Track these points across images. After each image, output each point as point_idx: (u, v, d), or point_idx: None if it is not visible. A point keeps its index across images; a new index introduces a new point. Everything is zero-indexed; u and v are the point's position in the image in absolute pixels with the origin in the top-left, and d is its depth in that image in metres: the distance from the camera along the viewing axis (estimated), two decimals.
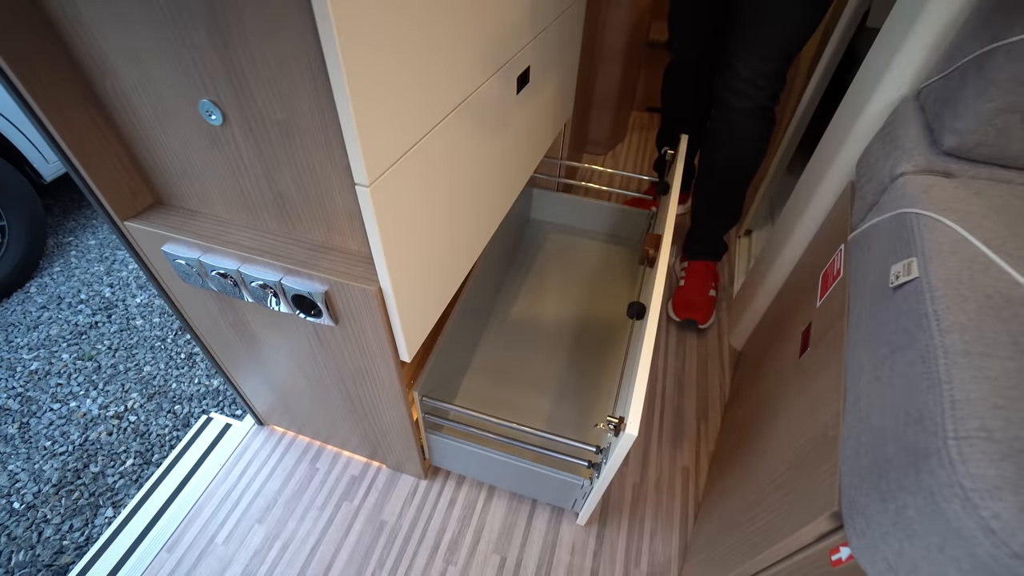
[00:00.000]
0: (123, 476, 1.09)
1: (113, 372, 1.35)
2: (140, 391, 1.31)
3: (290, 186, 0.50)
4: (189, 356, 1.41)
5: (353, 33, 0.35)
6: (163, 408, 1.27)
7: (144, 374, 1.35)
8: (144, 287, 1.64)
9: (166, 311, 1.53)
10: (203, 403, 1.28)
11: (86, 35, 0.45)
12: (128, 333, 1.48)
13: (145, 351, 1.42)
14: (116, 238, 1.77)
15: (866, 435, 0.39)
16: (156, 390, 1.31)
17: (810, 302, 0.75)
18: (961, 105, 0.52)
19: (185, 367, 1.38)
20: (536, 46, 0.76)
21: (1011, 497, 0.26)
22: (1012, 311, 0.36)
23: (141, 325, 1.50)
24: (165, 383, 1.33)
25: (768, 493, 0.59)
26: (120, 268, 1.71)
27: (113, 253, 1.77)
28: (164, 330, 1.49)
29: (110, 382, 1.32)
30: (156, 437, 1.19)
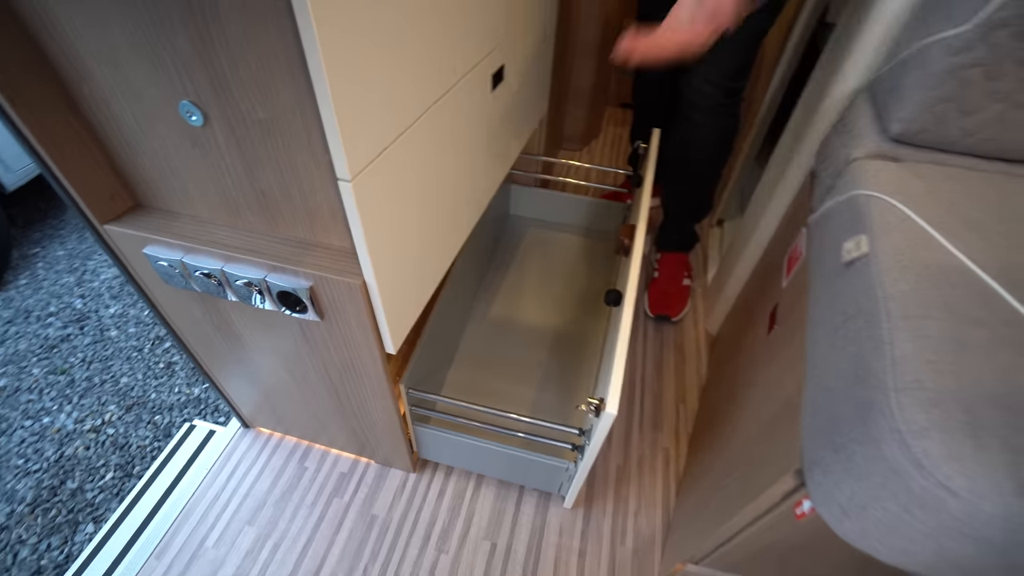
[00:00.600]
0: (103, 490, 1.07)
1: (88, 385, 1.32)
2: (118, 403, 1.28)
3: (272, 184, 0.51)
4: (168, 365, 1.39)
5: (333, 33, 0.37)
6: (143, 419, 1.25)
7: (121, 385, 1.33)
8: (118, 297, 1.60)
9: (142, 320, 1.51)
10: (184, 412, 1.27)
11: (61, 39, 0.45)
12: (103, 345, 1.45)
13: (121, 362, 1.40)
14: (86, 247, 1.74)
15: (822, 397, 0.42)
16: (134, 401, 1.29)
17: (777, 283, 0.79)
18: (904, 95, 0.57)
19: (164, 376, 1.36)
20: (510, 46, 0.78)
21: (937, 436, 0.30)
22: (946, 279, 0.40)
23: (116, 336, 1.47)
24: (144, 394, 1.31)
25: (740, 462, 0.62)
26: (91, 278, 1.67)
27: (83, 263, 1.72)
28: (141, 340, 1.46)
29: (85, 395, 1.29)
30: (136, 449, 1.17)
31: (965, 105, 0.52)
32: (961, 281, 0.40)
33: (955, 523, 0.30)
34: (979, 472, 0.28)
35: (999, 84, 0.50)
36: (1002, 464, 0.28)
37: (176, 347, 1.39)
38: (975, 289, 0.39)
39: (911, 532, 0.32)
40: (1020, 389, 0.31)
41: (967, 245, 0.43)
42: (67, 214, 1.93)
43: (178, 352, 1.41)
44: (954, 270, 0.41)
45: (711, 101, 0.96)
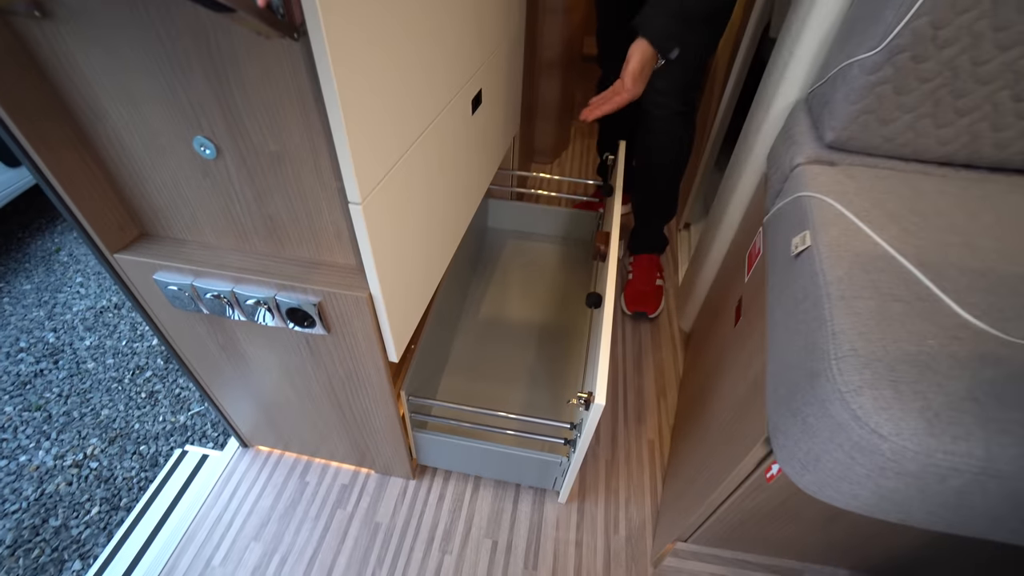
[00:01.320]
0: (89, 525, 1.06)
1: (67, 420, 1.30)
2: (100, 436, 1.26)
3: (280, 210, 0.56)
4: (150, 395, 1.38)
5: (347, 72, 0.42)
6: (127, 450, 1.23)
7: (102, 418, 1.31)
8: (92, 328, 1.58)
9: (120, 351, 1.49)
10: (170, 440, 1.26)
11: (79, 79, 0.49)
12: (80, 378, 1.42)
13: (101, 394, 1.38)
14: (54, 280, 1.71)
15: (781, 371, 0.49)
16: (117, 433, 1.28)
17: (740, 279, 0.87)
18: (834, 108, 0.65)
19: (147, 406, 1.35)
20: (485, 71, 0.85)
21: (869, 392, 0.37)
22: (873, 264, 0.47)
23: (94, 368, 1.45)
24: (127, 424, 1.30)
25: (718, 443, 0.69)
26: (63, 311, 1.64)
27: (53, 296, 1.69)
28: (120, 371, 1.44)
29: (64, 430, 1.27)
30: (123, 481, 1.16)
31: (882, 116, 0.61)
32: (885, 265, 0.47)
33: (888, 463, 0.36)
34: (901, 418, 0.35)
35: (907, 98, 0.59)
36: (916, 409, 0.35)
37: (157, 377, 1.39)
38: (895, 271, 0.46)
39: (856, 476, 0.39)
40: (929, 349, 0.39)
41: (889, 235, 0.51)
42: (30, 247, 1.89)
43: (160, 381, 1.40)
44: (879, 256, 0.48)
45: (667, 111, 1.05)
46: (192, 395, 1.36)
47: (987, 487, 0.34)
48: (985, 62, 0.55)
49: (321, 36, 0.38)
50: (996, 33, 0.52)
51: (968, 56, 0.55)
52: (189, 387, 1.37)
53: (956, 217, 0.55)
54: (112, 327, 1.56)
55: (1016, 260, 0.48)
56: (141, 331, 1.54)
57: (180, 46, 0.44)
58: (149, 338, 1.52)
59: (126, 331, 1.55)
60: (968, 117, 0.59)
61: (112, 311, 1.62)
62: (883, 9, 0.57)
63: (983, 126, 0.59)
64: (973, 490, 0.35)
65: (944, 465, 0.34)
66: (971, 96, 0.58)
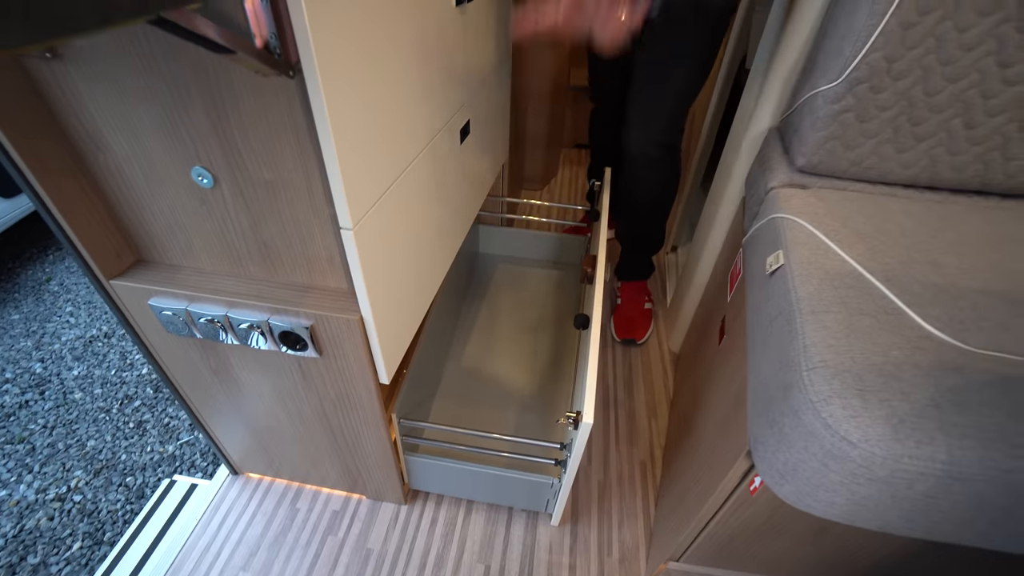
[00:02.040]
0: (69, 562, 1.03)
1: (51, 452, 1.28)
2: (85, 468, 1.24)
3: (274, 236, 0.58)
4: (138, 424, 1.36)
5: (339, 105, 0.45)
6: (112, 482, 1.21)
7: (88, 449, 1.29)
8: (81, 358, 1.56)
9: (108, 381, 1.48)
10: (158, 471, 1.24)
11: (82, 113, 0.51)
12: (66, 408, 1.40)
13: (87, 425, 1.36)
14: (43, 310, 1.70)
15: (759, 385, 0.50)
16: (103, 464, 1.26)
17: (724, 299, 0.90)
18: (803, 135, 0.69)
19: (135, 436, 1.33)
20: (474, 102, 0.89)
21: (838, 402, 0.38)
22: (841, 281, 0.50)
23: (81, 398, 1.43)
24: (113, 456, 1.28)
25: (705, 460, 0.70)
26: (51, 341, 1.62)
27: (42, 326, 1.68)
28: (108, 401, 1.43)
29: (47, 463, 1.25)
30: (107, 514, 1.14)
31: (847, 142, 0.65)
32: (853, 282, 0.50)
33: (859, 469, 0.38)
34: (868, 425, 0.37)
35: (869, 125, 0.63)
36: (882, 416, 0.37)
37: (146, 407, 1.38)
38: (863, 287, 0.49)
39: (831, 484, 0.40)
40: (893, 359, 0.41)
41: (857, 253, 0.54)
42: (20, 277, 1.88)
43: (149, 410, 1.39)
44: (847, 273, 0.51)
45: (650, 157, 1.06)
46: (181, 424, 1.34)
47: (952, 489, 0.36)
48: (936, 93, 0.59)
49: (315, 74, 0.41)
50: (943, 67, 0.57)
51: (921, 87, 0.59)
52: (179, 416, 1.36)
53: (919, 236, 0.58)
54: (101, 356, 1.55)
55: (975, 276, 0.51)
56: (131, 360, 1.54)
57: (182, 83, 0.47)
58: (139, 367, 1.51)
59: (115, 360, 1.54)
60: (926, 143, 0.63)
61: (102, 340, 1.61)
62: (841, 44, 0.61)
63: (940, 151, 0.63)
64: (940, 493, 0.36)
65: (911, 469, 0.36)
66: (927, 124, 0.61)
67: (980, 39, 0.55)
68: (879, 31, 0.57)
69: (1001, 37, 0.54)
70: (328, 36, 0.41)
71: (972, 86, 0.58)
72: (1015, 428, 0.36)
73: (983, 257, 0.54)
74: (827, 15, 0.68)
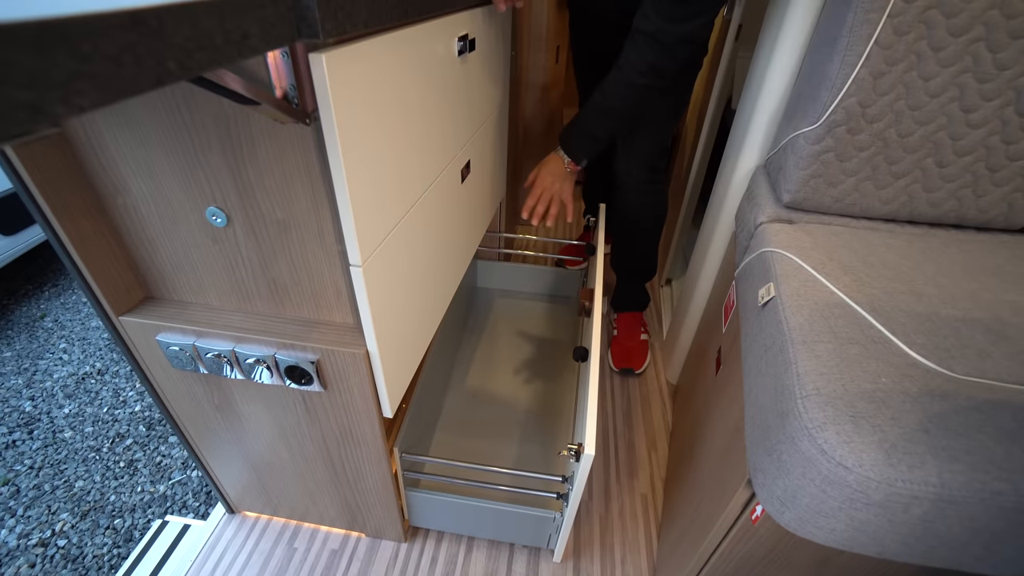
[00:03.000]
0: None
1: (37, 494, 1.24)
2: (71, 510, 1.21)
3: (283, 272, 0.60)
4: (130, 463, 1.33)
5: (352, 149, 0.48)
6: (100, 525, 1.18)
7: (75, 490, 1.26)
8: (73, 396, 1.54)
9: (100, 419, 1.46)
10: (148, 512, 1.21)
11: (105, 157, 0.54)
12: (55, 448, 1.37)
13: (76, 465, 1.33)
14: (36, 347, 1.69)
15: (757, 413, 0.52)
16: (91, 506, 1.22)
17: (719, 330, 0.92)
18: (788, 173, 0.73)
19: (125, 476, 1.30)
20: (473, 144, 0.93)
21: (832, 428, 0.40)
22: (830, 311, 0.52)
23: (71, 437, 1.41)
24: (102, 496, 1.25)
25: (706, 491, 0.70)
26: (43, 378, 1.60)
27: (34, 364, 1.66)
28: (99, 439, 1.40)
29: (32, 506, 1.21)
30: (92, 559, 1.10)
31: (829, 179, 0.69)
32: (841, 312, 0.52)
33: (856, 494, 0.39)
34: (862, 450, 0.38)
35: (848, 164, 0.67)
36: (874, 442, 0.38)
37: (138, 445, 1.35)
38: (851, 317, 0.51)
39: (830, 509, 0.41)
40: (883, 386, 0.42)
41: (844, 285, 0.56)
42: (14, 314, 1.88)
43: (141, 449, 1.36)
44: (836, 304, 0.53)
45: (636, 180, 1.13)
46: (174, 463, 1.32)
47: (946, 513, 0.37)
48: (909, 135, 0.63)
49: (332, 121, 0.44)
50: (913, 112, 0.61)
51: (894, 129, 0.63)
52: (171, 455, 1.34)
53: (902, 268, 0.60)
54: (94, 394, 1.54)
55: (956, 304, 0.53)
56: (124, 397, 1.52)
57: (203, 130, 0.50)
58: (132, 404, 1.49)
59: (108, 398, 1.52)
60: (903, 180, 0.67)
61: (95, 377, 1.60)
62: (819, 90, 0.66)
63: (916, 188, 0.67)
64: (935, 517, 0.37)
65: (905, 493, 0.37)
66: (902, 163, 0.65)
67: (943, 87, 0.59)
68: (852, 79, 0.62)
69: (962, 85, 0.59)
70: (343, 88, 0.44)
71: (940, 128, 0.62)
72: (1001, 451, 0.37)
73: (962, 287, 0.56)
74: (804, 62, 0.74)
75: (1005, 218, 0.68)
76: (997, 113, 0.61)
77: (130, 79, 0.23)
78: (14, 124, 0.18)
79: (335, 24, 0.38)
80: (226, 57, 0.29)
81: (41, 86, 0.19)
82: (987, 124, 0.62)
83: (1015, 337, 0.48)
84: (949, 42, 0.58)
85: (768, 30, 0.84)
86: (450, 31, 0.69)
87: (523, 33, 1.47)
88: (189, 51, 0.26)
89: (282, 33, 0.35)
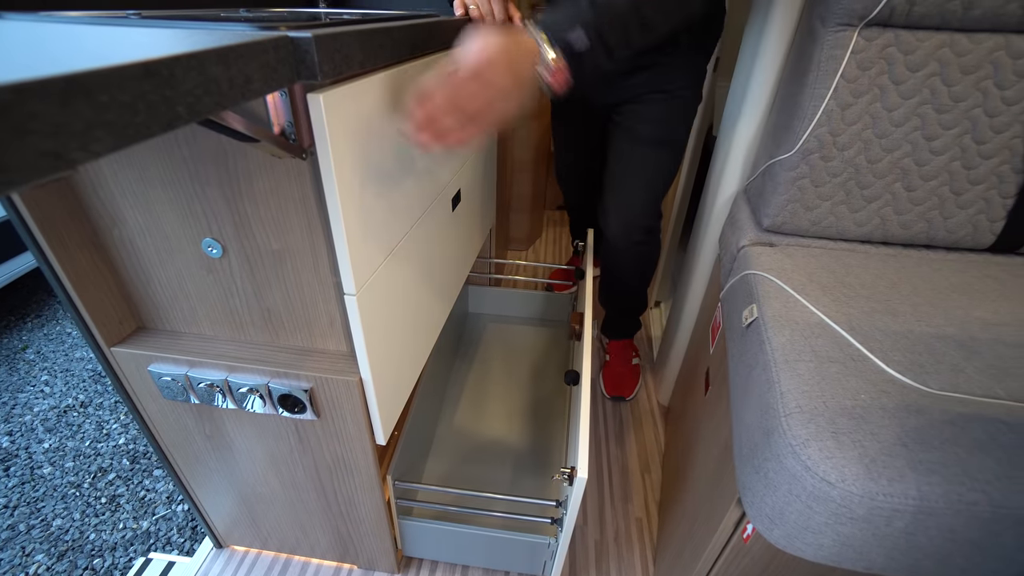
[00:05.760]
0: None
1: (10, 534, 1.19)
2: (47, 551, 1.16)
3: (278, 301, 0.61)
4: (112, 499, 1.29)
5: (346, 186, 0.49)
6: (78, 565, 1.13)
7: (53, 529, 1.21)
8: (53, 430, 1.50)
9: (82, 453, 1.42)
10: (130, 550, 1.17)
11: (104, 192, 0.55)
12: (32, 485, 1.33)
13: (55, 502, 1.28)
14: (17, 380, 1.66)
15: (744, 432, 0.53)
16: (69, 546, 1.18)
17: (707, 351, 0.93)
18: (766, 199, 0.76)
19: (106, 512, 1.26)
20: (463, 173, 0.95)
21: (815, 444, 0.41)
22: (811, 331, 0.54)
23: (50, 473, 1.37)
24: (81, 535, 1.20)
25: (699, 512, 0.71)
26: (22, 412, 1.56)
27: (13, 397, 1.62)
28: (80, 475, 1.36)
29: (5, 548, 1.15)
30: None
31: (806, 204, 0.72)
32: (821, 332, 0.54)
33: (840, 509, 0.40)
34: (843, 465, 0.40)
35: (823, 189, 0.70)
36: (855, 456, 0.40)
37: (121, 480, 1.32)
38: (830, 336, 0.53)
39: (817, 525, 0.42)
40: (862, 403, 0.44)
41: (823, 305, 0.58)
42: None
43: (124, 483, 1.33)
44: (816, 324, 0.55)
45: (632, 241, 1.05)
46: (158, 497, 1.29)
47: (927, 525, 0.38)
48: (877, 161, 0.67)
49: (328, 157, 0.46)
50: (880, 140, 0.65)
51: (864, 156, 0.67)
52: (155, 488, 1.31)
53: (878, 287, 0.63)
54: (76, 427, 1.50)
55: (930, 322, 0.56)
56: (107, 430, 1.49)
57: (201, 165, 0.51)
58: (116, 437, 1.46)
59: (91, 431, 1.49)
60: (875, 203, 0.70)
61: (78, 410, 1.56)
62: (792, 120, 0.70)
63: (888, 211, 0.70)
64: (916, 529, 0.38)
65: (886, 507, 0.38)
66: (873, 187, 0.69)
67: (906, 117, 0.63)
68: (822, 110, 0.66)
69: (923, 116, 0.63)
70: (339, 125, 0.46)
71: (906, 155, 0.66)
72: (975, 463, 0.39)
73: (934, 305, 0.59)
74: (778, 94, 0.78)
75: (972, 238, 0.71)
76: (956, 141, 0.65)
77: (143, 125, 0.24)
78: (37, 171, 0.19)
79: (332, 66, 0.41)
80: (231, 100, 0.31)
81: (64, 135, 0.20)
82: (948, 151, 0.65)
83: (985, 352, 0.51)
84: (908, 76, 0.63)
85: (743, 63, 0.88)
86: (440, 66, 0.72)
87: None
88: (197, 96, 0.28)
89: (282, 76, 0.37)
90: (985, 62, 0.61)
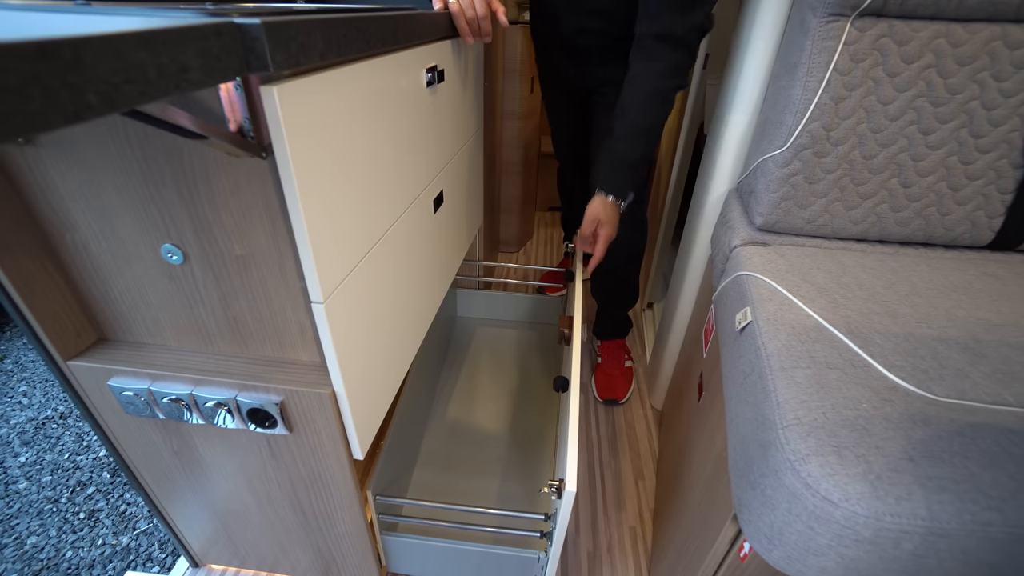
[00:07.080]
0: None
1: None
2: (20, 571, 1.12)
3: (245, 310, 0.57)
4: (91, 514, 1.25)
5: (309, 181, 0.46)
6: None
7: (27, 548, 1.16)
8: (30, 443, 1.45)
9: (60, 466, 1.37)
10: (108, 568, 1.13)
11: (52, 195, 0.51)
12: (6, 501, 1.28)
13: (30, 519, 1.23)
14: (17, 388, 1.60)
15: (739, 444, 0.50)
16: (44, 565, 1.13)
17: (700, 355, 0.91)
18: (759, 196, 0.73)
19: (84, 528, 1.22)
20: (446, 173, 0.92)
21: (815, 460, 0.38)
22: (807, 335, 0.51)
23: (25, 488, 1.32)
24: (57, 553, 1.16)
25: (693, 525, 0.68)
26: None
27: None
28: (57, 489, 1.32)
29: None
30: None
31: (800, 201, 0.69)
32: (818, 335, 0.51)
33: (844, 530, 0.37)
34: (847, 483, 0.37)
35: (817, 186, 0.67)
36: (859, 474, 0.37)
37: (101, 494, 1.27)
38: (828, 340, 0.50)
39: (819, 547, 0.39)
40: (864, 413, 0.41)
41: (819, 307, 0.55)
42: None
43: (104, 498, 1.28)
44: (812, 327, 0.52)
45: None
46: (140, 511, 1.24)
47: (938, 547, 0.35)
48: (873, 156, 0.64)
49: (286, 155, 0.42)
50: (875, 134, 0.62)
51: (859, 152, 0.64)
52: (137, 502, 1.26)
53: (876, 287, 0.60)
54: (54, 439, 1.45)
55: (931, 324, 0.53)
56: (87, 442, 1.44)
57: (155, 165, 0.48)
58: (96, 449, 1.41)
59: (70, 443, 1.44)
60: (870, 200, 0.68)
61: (56, 421, 1.52)
62: (784, 115, 0.67)
63: (884, 208, 0.67)
64: (927, 552, 0.35)
65: (894, 528, 0.35)
66: (868, 184, 0.66)
67: (902, 110, 0.61)
68: (814, 104, 0.63)
69: (919, 109, 0.60)
70: (299, 121, 0.43)
71: (902, 150, 0.63)
72: (987, 477, 0.36)
73: (935, 306, 0.56)
74: (769, 88, 0.75)
75: (970, 235, 0.68)
76: (953, 135, 0.62)
77: (39, 113, 0.21)
78: None
79: (287, 56, 0.37)
80: (161, 91, 0.27)
81: None
82: (945, 146, 0.63)
83: (991, 355, 0.48)
84: (903, 68, 0.60)
85: (733, 58, 0.86)
86: (418, 62, 0.69)
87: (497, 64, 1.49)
88: (115, 84, 0.25)
89: (228, 66, 0.33)
90: (982, 53, 0.59)
